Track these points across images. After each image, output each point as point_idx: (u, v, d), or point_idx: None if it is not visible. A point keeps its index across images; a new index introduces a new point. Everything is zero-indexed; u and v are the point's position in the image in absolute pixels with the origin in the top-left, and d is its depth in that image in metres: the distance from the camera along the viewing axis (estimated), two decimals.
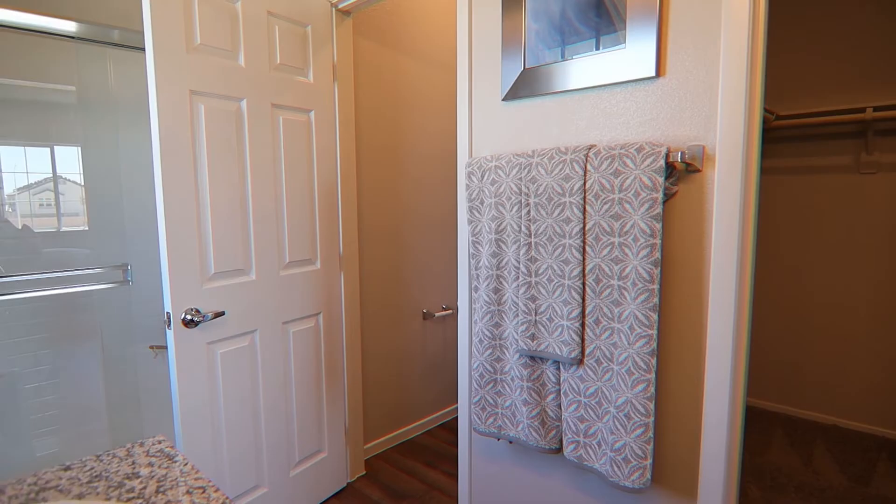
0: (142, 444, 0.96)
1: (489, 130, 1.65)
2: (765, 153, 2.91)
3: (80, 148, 1.99)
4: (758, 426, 2.80)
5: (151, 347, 2.21)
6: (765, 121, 2.59)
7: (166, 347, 2.09)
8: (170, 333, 1.59)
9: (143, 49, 1.81)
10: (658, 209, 1.20)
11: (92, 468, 0.87)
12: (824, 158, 2.72)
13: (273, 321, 1.88)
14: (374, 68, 2.40)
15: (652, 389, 1.24)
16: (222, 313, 1.66)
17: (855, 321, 2.69)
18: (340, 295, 2.18)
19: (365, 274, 2.43)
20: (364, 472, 2.40)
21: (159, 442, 0.97)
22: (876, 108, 2.39)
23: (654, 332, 1.23)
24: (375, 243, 2.48)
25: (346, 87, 2.14)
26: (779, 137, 2.86)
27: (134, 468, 0.87)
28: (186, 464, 0.89)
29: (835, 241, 2.72)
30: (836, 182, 2.69)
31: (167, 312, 1.58)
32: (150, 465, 0.88)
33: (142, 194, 2.13)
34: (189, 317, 1.60)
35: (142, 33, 1.96)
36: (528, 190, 1.42)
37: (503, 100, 1.58)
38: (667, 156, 1.19)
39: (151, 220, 2.15)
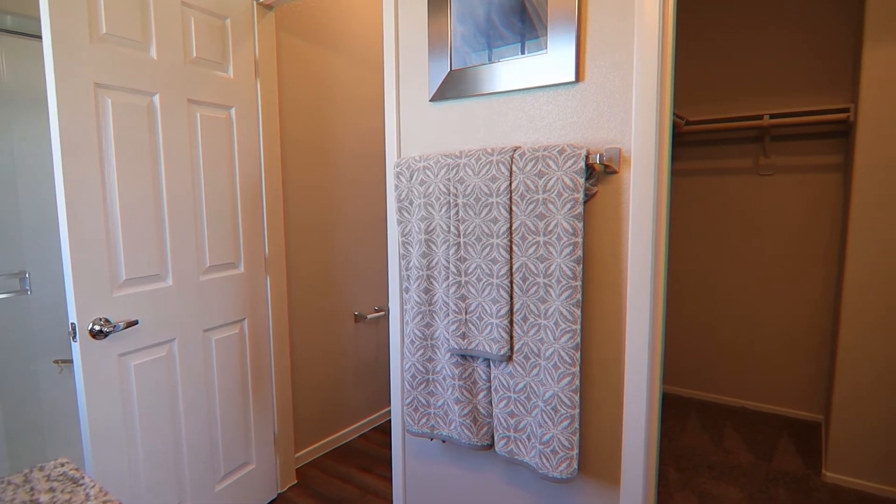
0: (42, 469, 0.88)
1: (417, 131, 1.65)
2: (676, 156, 3.11)
3: None
4: (674, 412, 2.98)
5: (56, 362, 2.04)
6: (675, 126, 2.77)
7: (72, 361, 1.93)
8: (75, 346, 1.47)
9: (41, 37, 1.67)
10: (579, 209, 1.25)
11: None
12: (728, 161, 2.94)
13: (193, 329, 1.78)
14: (301, 65, 2.34)
15: (577, 382, 1.29)
16: (136, 322, 1.56)
17: (758, 311, 2.93)
18: (266, 299, 2.10)
19: (293, 276, 2.36)
20: (295, 482, 2.33)
21: (62, 465, 0.89)
22: (772, 116, 2.62)
23: (578, 327, 1.28)
24: (304, 245, 2.41)
25: (269, 84, 2.06)
26: (689, 141, 3.06)
27: (32, 495, 0.79)
28: (94, 486, 0.82)
29: (739, 237, 2.95)
30: (738, 183, 2.92)
31: (72, 323, 1.46)
32: (52, 490, 0.81)
33: (41, 195, 1.95)
34: (97, 327, 1.48)
35: (38, 20, 1.80)
36: (457, 190, 1.43)
37: (431, 100, 1.59)
38: (586, 158, 1.24)
39: (53, 224, 1.98)
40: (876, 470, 2.14)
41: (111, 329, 1.50)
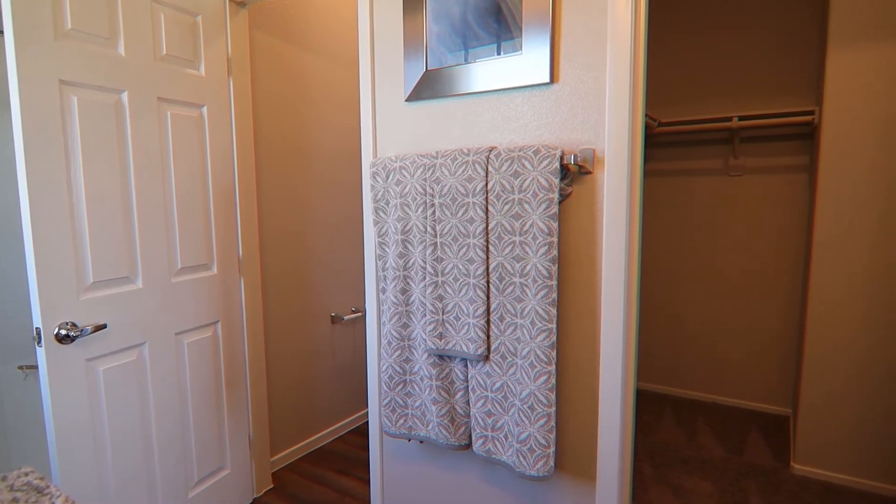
0: (4, 479, 0.85)
1: (393, 131, 1.64)
2: (649, 157, 3.17)
3: None
4: (650, 408, 3.03)
5: (20, 367, 1.97)
6: (648, 127, 2.82)
7: (37, 367, 1.87)
8: (41, 351, 1.42)
9: (2, 33, 1.61)
10: (555, 209, 1.26)
11: None
12: (699, 162, 3.00)
13: (164, 332, 1.74)
14: (276, 64, 2.31)
15: (553, 381, 1.30)
16: (104, 326, 1.51)
17: (727, 308, 3.00)
18: (241, 301, 2.07)
19: (268, 277, 2.33)
20: (272, 486, 2.30)
21: (26, 474, 0.86)
22: (740, 118, 2.68)
23: (554, 326, 1.29)
24: (279, 245, 2.38)
25: (242, 82, 2.03)
26: (662, 142, 3.12)
27: None
28: (60, 496, 0.80)
29: (710, 237, 3.01)
30: (709, 183, 2.98)
31: (36, 328, 1.41)
32: (15, 500, 0.78)
33: (4, 195, 1.88)
34: (64, 331, 1.44)
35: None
36: (433, 190, 1.43)
37: (406, 100, 1.58)
38: (561, 158, 1.25)
39: (16, 225, 1.91)
40: (841, 461, 2.21)
41: (78, 333, 1.46)
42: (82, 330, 1.47)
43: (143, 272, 1.66)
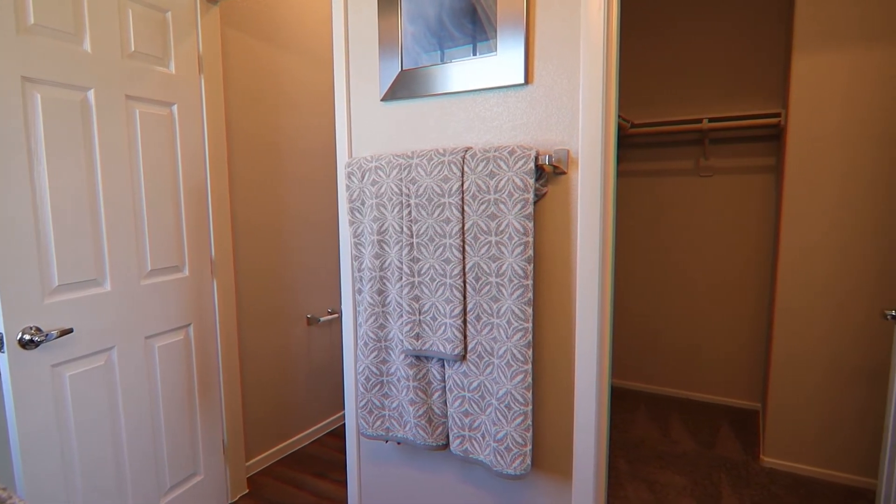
0: None
1: (369, 131, 1.63)
2: (623, 157, 3.21)
3: None
4: (625, 405, 3.08)
5: None
6: (621, 128, 2.86)
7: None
8: (3, 357, 1.37)
9: None
10: (530, 209, 1.27)
11: None
12: (671, 163, 3.06)
13: (134, 336, 1.70)
14: (249, 61, 2.27)
15: (529, 379, 1.31)
16: (70, 330, 1.47)
17: (700, 307, 3.06)
18: (213, 303, 2.03)
19: (241, 279, 2.29)
20: (247, 491, 2.26)
21: None
22: (710, 120, 2.74)
23: (530, 325, 1.30)
24: (253, 246, 2.34)
25: (213, 80, 2.00)
26: (635, 144, 3.17)
27: None
28: None
29: (681, 236, 3.07)
30: (681, 183, 3.04)
31: None
32: None
33: None
34: (27, 336, 1.39)
35: None
36: (409, 191, 1.43)
37: (382, 100, 1.58)
38: (536, 159, 1.26)
39: None
40: (808, 454, 2.28)
41: (43, 338, 1.41)
42: (47, 335, 1.42)
43: (111, 275, 1.62)
